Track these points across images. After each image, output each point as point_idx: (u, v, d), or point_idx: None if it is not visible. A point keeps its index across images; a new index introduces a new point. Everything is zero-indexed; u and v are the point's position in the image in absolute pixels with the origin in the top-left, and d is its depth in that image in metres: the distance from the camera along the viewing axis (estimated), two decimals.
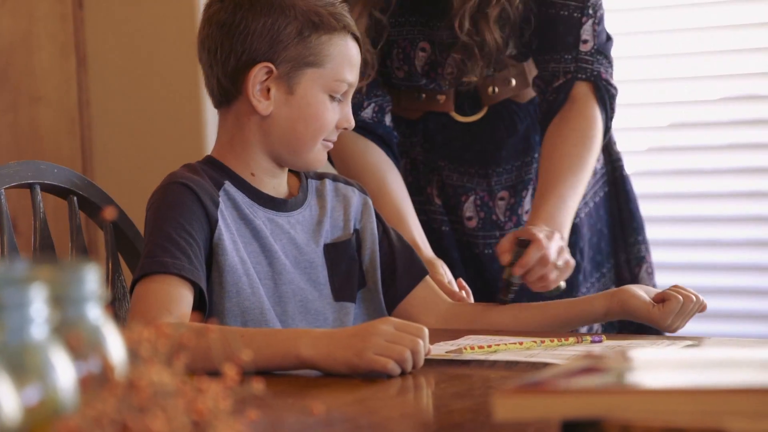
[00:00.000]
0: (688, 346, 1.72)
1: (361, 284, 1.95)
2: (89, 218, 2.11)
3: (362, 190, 2.00)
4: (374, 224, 1.98)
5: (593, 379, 1.11)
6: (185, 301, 1.73)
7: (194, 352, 1.06)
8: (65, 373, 0.92)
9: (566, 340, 1.75)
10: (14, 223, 2.88)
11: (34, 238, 2.00)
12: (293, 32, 1.84)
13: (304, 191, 1.94)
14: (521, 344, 1.72)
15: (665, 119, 3.24)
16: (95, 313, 0.99)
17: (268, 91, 1.85)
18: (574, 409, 1.05)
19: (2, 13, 3.31)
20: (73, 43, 3.35)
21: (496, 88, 2.28)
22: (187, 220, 1.78)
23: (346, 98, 1.89)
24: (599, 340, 1.76)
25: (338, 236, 1.94)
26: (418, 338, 1.58)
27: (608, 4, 2.35)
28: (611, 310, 1.89)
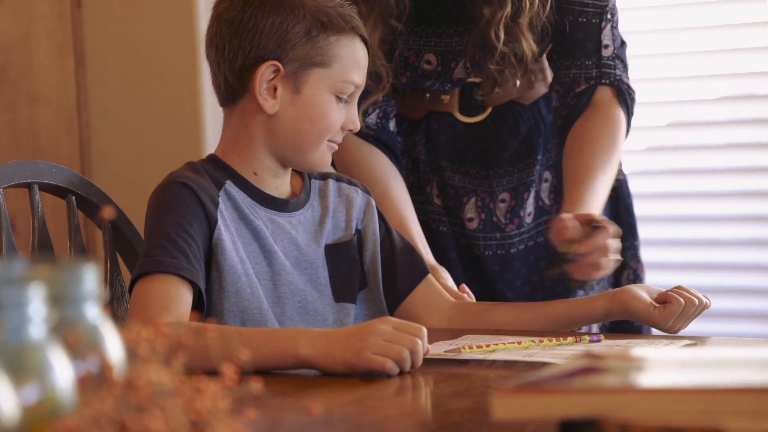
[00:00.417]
0: (686, 345, 1.72)
1: (362, 285, 1.95)
2: (88, 218, 2.11)
3: (365, 190, 2.00)
4: (376, 224, 1.97)
5: (592, 378, 1.11)
6: (184, 300, 1.73)
7: (193, 351, 1.06)
8: (63, 372, 0.92)
9: (564, 339, 1.75)
10: (12, 222, 2.88)
11: (32, 237, 2.00)
12: (301, 31, 1.84)
13: (306, 191, 1.94)
14: (520, 344, 1.72)
15: (664, 118, 3.24)
16: (94, 312, 0.99)
17: (274, 90, 1.85)
18: (572, 408, 1.05)
19: (1, 12, 3.31)
20: (71, 42, 3.35)
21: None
22: (186, 219, 1.78)
23: (352, 100, 1.89)
24: (597, 339, 1.76)
25: (340, 237, 1.94)
26: (416, 338, 1.58)
27: None
28: (612, 310, 1.89)
